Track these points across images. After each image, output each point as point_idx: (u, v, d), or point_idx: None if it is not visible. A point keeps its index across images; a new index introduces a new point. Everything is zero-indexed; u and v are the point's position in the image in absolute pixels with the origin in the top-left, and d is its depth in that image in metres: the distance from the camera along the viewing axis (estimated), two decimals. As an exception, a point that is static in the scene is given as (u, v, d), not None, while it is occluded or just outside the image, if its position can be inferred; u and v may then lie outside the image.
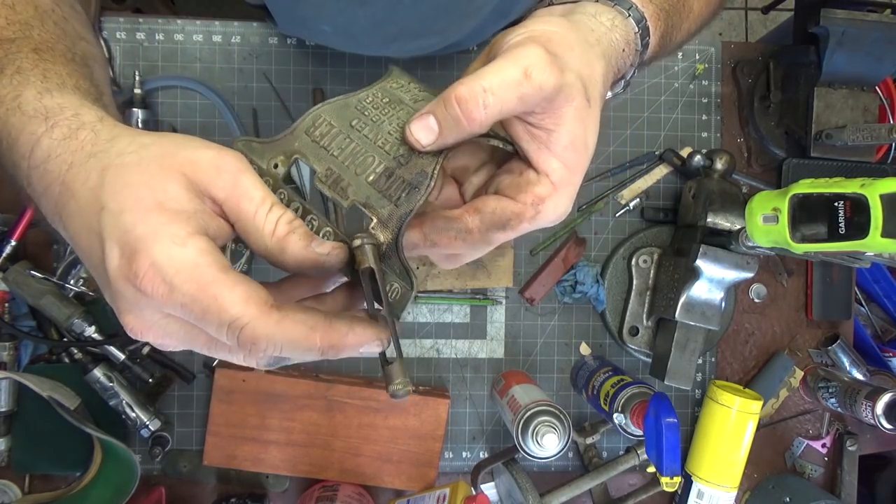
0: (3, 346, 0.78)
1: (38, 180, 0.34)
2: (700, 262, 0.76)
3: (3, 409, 0.78)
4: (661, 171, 0.90)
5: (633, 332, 0.87)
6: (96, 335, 0.78)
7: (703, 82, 0.91)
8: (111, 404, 0.79)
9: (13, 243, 0.77)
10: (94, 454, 0.80)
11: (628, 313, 0.87)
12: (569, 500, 0.80)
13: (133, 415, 0.79)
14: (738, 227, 0.76)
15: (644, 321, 0.87)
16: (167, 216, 0.31)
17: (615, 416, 0.76)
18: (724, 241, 0.76)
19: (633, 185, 0.90)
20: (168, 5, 1.33)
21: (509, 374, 0.86)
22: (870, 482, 1.02)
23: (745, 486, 0.92)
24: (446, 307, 0.88)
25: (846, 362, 0.91)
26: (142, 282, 0.30)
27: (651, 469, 0.72)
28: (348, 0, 0.66)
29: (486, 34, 0.72)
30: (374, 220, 0.35)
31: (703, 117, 0.91)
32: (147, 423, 0.79)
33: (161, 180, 0.31)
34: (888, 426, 0.80)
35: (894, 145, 0.85)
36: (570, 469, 0.90)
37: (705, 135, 0.91)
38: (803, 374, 0.92)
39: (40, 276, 0.77)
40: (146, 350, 0.81)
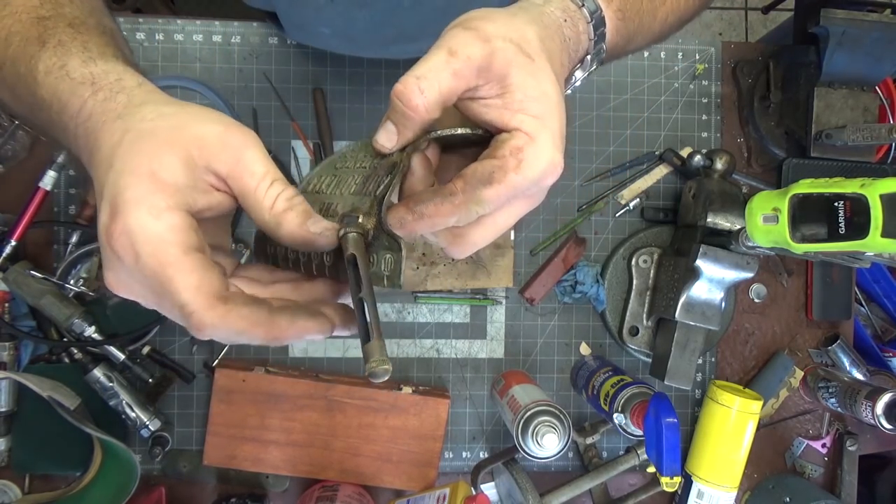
0: (3, 346, 0.78)
1: (82, 137, 0.37)
2: (700, 262, 0.76)
3: (3, 409, 0.78)
4: (661, 171, 0.90)
5: (633, 332, 0.87)
6: (96, 335, 0.78)
7: (703, 82, 0.91)
8: (111, 404, 0.79)
9: (13, 243, 0.77)
10: (94, 454, 0.80)
11: (628, 313, 0.87)
12: (569, 500, 0.80)
13: (133, 415, 0.79)
14: (738, 227, 0.76)
15: (644, 321, 0.87)
16: (155, 186, 0.33)
17: (615, 416, 0.76)
18: (724, 241, 0.76)
19: (633, 185, 0.90)
20: (168, 5, 1.34)
21: (509, 374, 0.86)
22: (870, 482, 1.02)
23: (745, 486, 0.92)
24: (446, 307, 0.88)
25: (846, 362, 0.91)
26: (115, 243, 0.32)
27: (651, 469, 0.72)
28: (347, 3, 0.66)
29: None
30: (360, 215, 0.38)
31: (703, 117, 0.91)
32: (147, 423, 0.79)
33: (163, 151, 0.33)
34: (888, 426, 0.80)
35: (894, 145, 0.85)
36: (570, 469, 0.90)
37: (705, 135, 0.91)
38: (803, 374, 0.92)
39: (40, 276, 0.77)
40: (146, 350, 0.81)
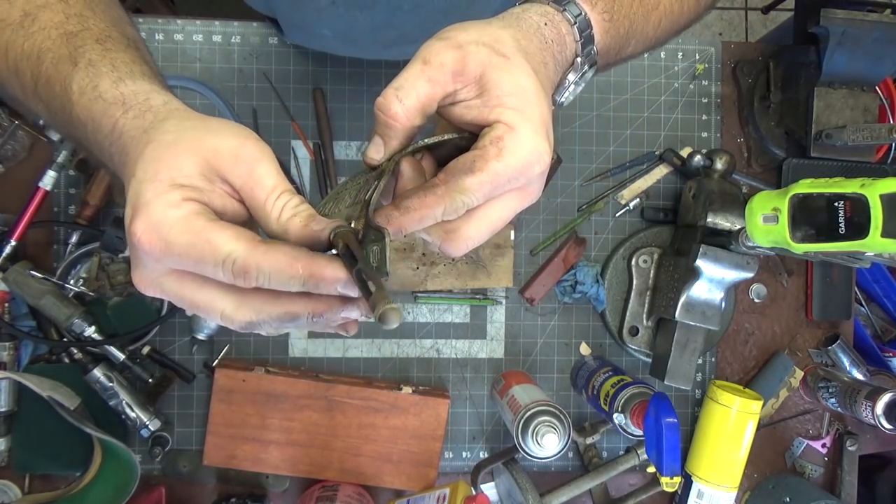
0: (3, 346, 0.78)
1: (116, 154, 0.39)
2: (700, 262, 0.76)
3: (3, 409, 0.78)
4: (661, 171, 0.90)
5: (633, 332, 0.87)
6: (96, 335, 0.78)
7: (703, 82, 0.91)
8: (111, 404, 0.79)
9: (13, 243, 0.77)
10: (94, 454, 0.80)
11: (628, 313, 0.87)
12: (569, 500, 0.80)
13: (133, 415, 0.79)
14: (738, 227, 0.76)
15: (644, 321, 0.87)
16: (172, 186, 0.35)
17: (615, 416, 0.76)
18: (724, 241, 0.76)
19: (633, 185, 0.90)
20: (168, 5, 1.34)
21: (509, 374, 0.86)
22: (870, 482, 1.02)
23: (745, 486, 0.92)
24: (446, 307, 0.88)
25: (846, 362, 0.91)
26: (140, 240, 0.34)
27: (651, 469, 0.73)
28: (348, 5, 0.66)
29: None
30: (352, 221, 0.39)
31: (703, 117, 0.91)
32: (147, 423, 0.79)
33: (181, 159, 0.36)
34: (888, 426, 0.80)
35: (894, 145, 0.85)
36: (570, 469, 0.90)
37: (705, 135, 0.91)
38: (803, 374, 0.92)
39: (40, 276, 0.77)
40: (146, 350, 0.81)
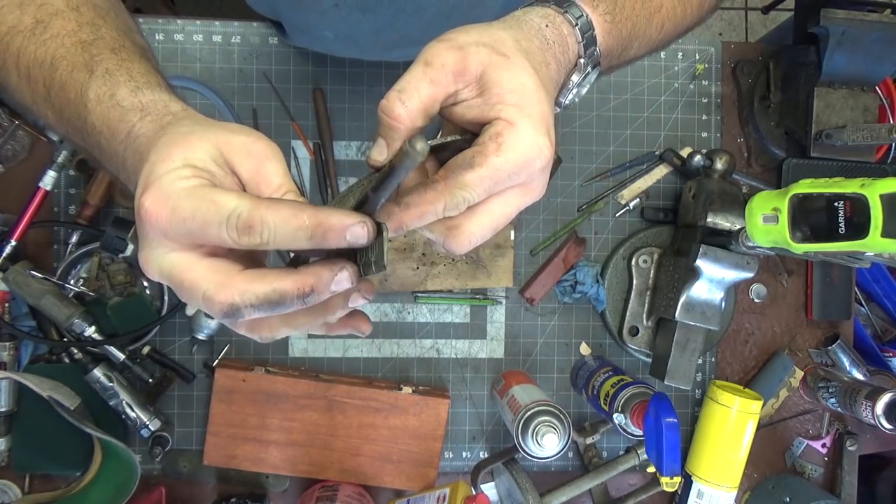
0: (3, 346, 0.78)
1: (130, 158, 0.40)
2: (700, 262, 0.76)
3: (3, 409, 0.78)
4: (661, 171, 0.90)
5: (633, 332, 0.87)
6: (96, 335, 0.78)
7: (703, 82, 0.91)
8: (111, 404, 0.79)
9: (13, 243, 0.77)
10: (94, 454, 0.81)
11: (628, 313, 0.87)
12: (569, 500, 0.80)
13: (133, 415, 0.79)
14: (738, 227, 0.76)
15: (644, 321, 0.87)
16: (184, 166, 0.36)
17: (615, 416, 0.76)
18: (724, 241, 0.76)
19: (633, 185, 0.90)
20: (168, 5, 1.34)
21: (509, 374, 0.86)
22: (870, 482, 1.02)
23: (745, 486, 0.92)
24: (446, 307, 0.88)
25: (846, 362, 0.91)
26: (147, 210, 0.34)
27: (651, 469, 0.73)
28: (351, 7, 0.66)
29: None
30: None
31: (703, 117, 0.91)
32: (147, 423, 0.79)
33: (195, 145, 0.37)
34: (888, 426, 0.80)
35: (894, 145, 0.85)
36: (570, 469, 0.90)
37: (705, 135, 0.91)
38: (803, 374, 0.92)
39: (40, 276, 0.77)
40: (146, 350, 0.81)
